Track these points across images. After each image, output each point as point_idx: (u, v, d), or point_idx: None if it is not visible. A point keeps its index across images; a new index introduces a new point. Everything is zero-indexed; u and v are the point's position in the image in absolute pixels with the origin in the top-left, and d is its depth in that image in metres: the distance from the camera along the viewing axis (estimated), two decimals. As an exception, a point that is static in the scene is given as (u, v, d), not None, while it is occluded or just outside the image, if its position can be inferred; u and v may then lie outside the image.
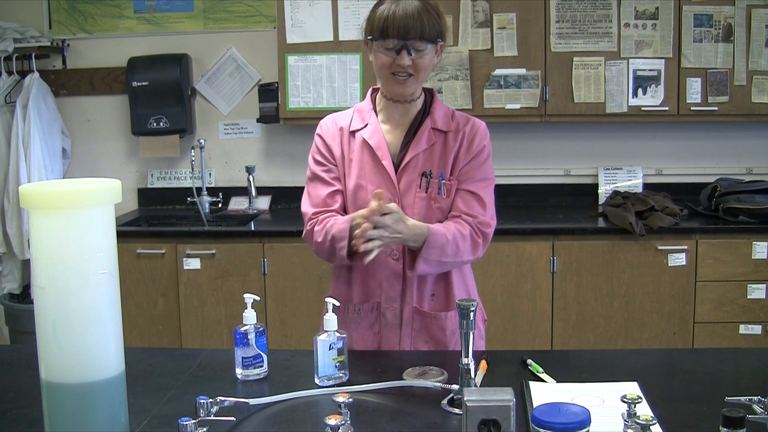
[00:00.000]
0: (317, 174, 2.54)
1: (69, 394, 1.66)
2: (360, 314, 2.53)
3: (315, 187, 2.53)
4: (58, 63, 5.31)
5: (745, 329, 4.42)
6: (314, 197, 2.52)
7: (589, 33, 4.68)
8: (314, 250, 2.49)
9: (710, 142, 5.11)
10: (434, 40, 2.38)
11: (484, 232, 2.45)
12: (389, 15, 2.35)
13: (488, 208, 2.50)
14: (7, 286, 5.13)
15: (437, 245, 2.35)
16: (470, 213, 2.45)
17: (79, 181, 1.72)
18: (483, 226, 2.45)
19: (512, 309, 4.46)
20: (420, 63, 2.38)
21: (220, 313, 4.57)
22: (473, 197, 2.48)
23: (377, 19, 2.38)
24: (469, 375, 1.88)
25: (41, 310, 1.66)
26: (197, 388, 2.08)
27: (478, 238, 2.43)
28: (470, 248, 2.42)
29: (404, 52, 2.35)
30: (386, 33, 2.36)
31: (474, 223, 2.44)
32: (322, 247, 2.43)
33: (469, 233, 2.42)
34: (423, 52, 2.37)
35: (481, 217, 2.45)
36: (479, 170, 2.50)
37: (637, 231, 4.29)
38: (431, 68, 2.48)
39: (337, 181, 2.52)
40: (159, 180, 5.38)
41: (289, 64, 4.83)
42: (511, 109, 4.73)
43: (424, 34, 2.34)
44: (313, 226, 2.46)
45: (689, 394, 2.03)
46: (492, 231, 2.49)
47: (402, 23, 2.33)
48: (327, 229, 2.40)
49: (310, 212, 2.49)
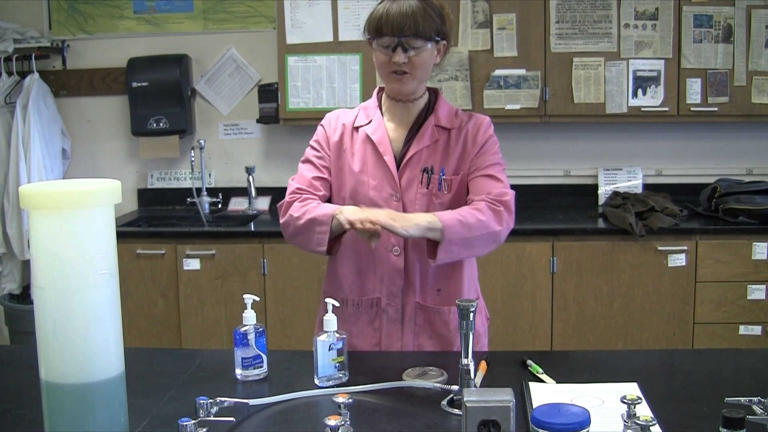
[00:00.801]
0: (309, 158, 2.57)
1: (69, 395, 1.66)
2: (359, 310, 2.53)
3: (305, 168, 2.56)
4: (58, 63, 5.31)
5: (745, 330, 4.42)
6: (302, 176, 2.54)
7: (588, 33, 4.69)
8: (282, 222, 2.48)
9: (710, 142, 5.11)
10: (431, 37, 2.38)
11: (502, 200, 2.38)
12: (384, 13, 2.36)
13: (502, 182, 2.45)
14: (7, 287, 5.13)
15: (453, 223, 2.28)
16: (484, 192, 2.40)
17: (79, 182, 1.72)
18: (499, 196, 2.39)
19: (512, 309, 4.46)
20: (416, 60, 2.38)
21: (219, 313, 4.57)
22: (485, 178, 2.45)
23: (373, 18, 2.40)
24: (468, 375, 1.88)
25: (41, 311, 1.66)
26: (197, 388, 2.09)
27: (497, 207, 2.36)
28: (493, 217, 2.34)
29: (399, 49, 2.36)
30: (381, 31, 2.37)
31: (487, 198, 2.38)
32: (294, 223, 2.42)
33: (485, 206, 2.35)
34: (419, 50, 2.37)
35: (495, 191, 2.40)
36: (488, 157, 2.49)
37: (637, 231, 4.30)
38: (431, 67, 2.47)
39: (326, 170, 2.54)
40: (159, 180, 5.38)
41: (289, 64, 4.83)
42: (511, 110, 4.74)
43: (419, 31, 2.34)
44: (293, 200, 2.46)
45: (689, 394, 2.03)
46: (511, 200, 2.41)
47: (396, 21, 2.34)
48: (308, 209, 2.40)
49: (294, 186, 2.51)
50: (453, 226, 2.28)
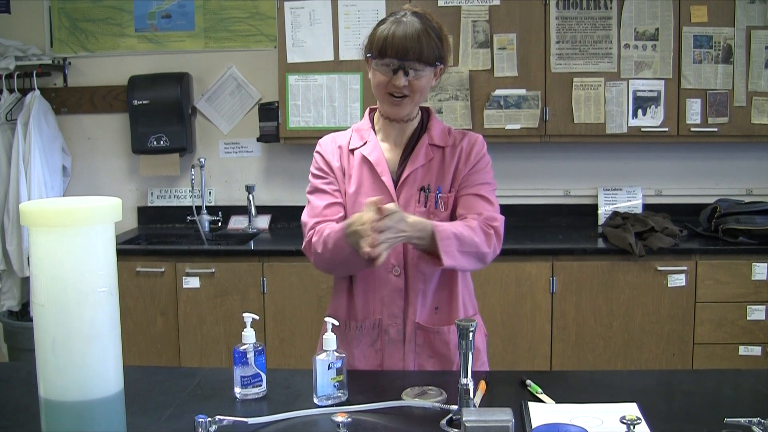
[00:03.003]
0: (317, 186, 2.54)
1: (68, 412, 1.66)
2: (362, 331, 2.52)
3: (315, 199, 2.53)
4: (59, 81, 5.33)
5: (745, 350, 4.41)
6: (313, 208, 2.51)
7: (589, 54, 4.70)
8: (313, 261, 2.48)
9: (710, 162, 5.11)
10: (432, 63, 2.40)
11: (493, 225, 2.41)
12: (389, 35, 2.37)
13: (493, 204, 2.48)
14: (7, 304, 5.13)
15: (448, 235, 2.29)
16: (475, 212, 2.43)
17: (79, 199, 1.72)
18: (490, 220, 2.42)
19: (511, 329, 4.45)
20: (416, 84, 2.40)
21: (219, 331, 4.56)
22: (476, 198, 2.47)
23: (377, 38, 2.40)
24: (468, 395, 1.88)
25: (40, 328, 1.66)
26: (196, 406, 2.08)
27: (488, 230, 2.39)
28: (484, 240, 2.37)
29: (401, 72, 2.37)
30: (384, 52, 2.37)
31: (479, 219, 2.41)
32: (323, 258, 2.41)
33: (477, 225, 2.37)
34: (420, 74, 2.39)
35: (486, 213, 2.44)
36: (480, 176, 2.51)
37: (636, 252, 4.29)
38: (428, 90, 2.49)
39: (337, 192, 2.52)
40: (159, 198, 5.39)
41: (290, 83, 4.84)
42: (511, 130, 4.74)
43: (422, 56, 2.36)
44: (311, 237, 2.45)
45: (689, 415, 2.03)
46: (501, 225, 2.45)
47: (401, 44, 2.34)
48: (324, 239, 2.39)
49: (309, 222, 2.49)
50: (446, 233, 2.30)
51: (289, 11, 4.80)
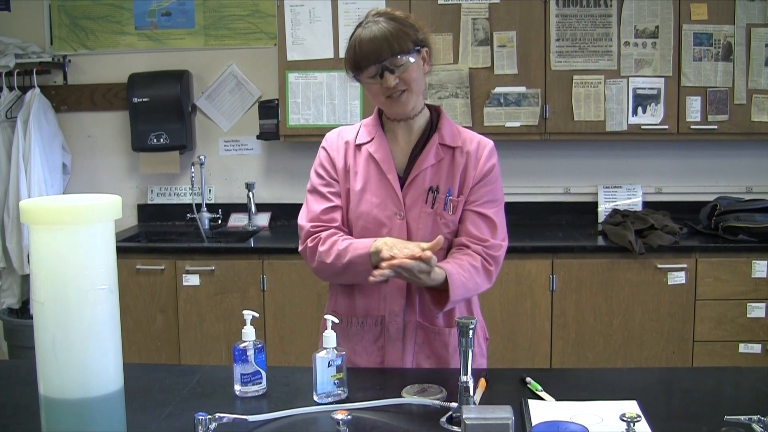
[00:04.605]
0: (317, 188, 2.53)
1: (68, 410, 1.66)
2: (364, 328, 2.51)
3: (313, 201, 2.52)
4: (59, 79, 5.33)
5: (745, 348, 4.41)
6: (311, 211, 2.50)
7: (589, 51, 4.70)
8: (315, 267, 2.46)
9: (710, 160, 5.11)
10: (410, 50, 2.36)
11: (494, 255, 2.42)
12: (357, 46, 2.36)
13: (499, 230, 2.47)
14: (7, 301, 5.13)
15: (458, 284, 2.30)
16: (480, 237, 2.43)
17: (79, 197, 1.72)
18: (493, 249, 2.42)
19: (511, 327, 4.45)
20: (407, 77, 2.37)
21: (219, 329, 4.56)
22: (483, 220, 2.46)
23: (349, 55, 2.40)
24: (468, 393, 1.88)
25: (40, 326, 1.66)
26: (196, 404, 2.08)
27: (490, 266, 2.41)
28: (485, 278, 2.40)
29: (386, 73, 2.35)
30: (359, 65, 2.37)
31: (483, 251, 2.41)
32: (331, 268, 2.40)
33: (481, 264, 2.39)
34: (405, 66, 2.36)
35: (491, 240, 2.43)
36: (489, 192, 2.49)
37: (636, 249, 4.30)
38: (423, 77, 2.46)
39: (336, 196, 2.50)
40: (159, 196, 5.39)
41: (290, 81, 4.84)
42: (511, 127, 4.74)
43: (396, 48, 2.33)
44: (316, 244, 2.43)
45: (689, 413, 2.03)
46: (503, 253, 2.46)
47: (370, 48, 2.33)
48: (340, 252, 2.37)
49: (307, 227, 2.47)
50: (458, 288, 2.30)
51: (289, 9, 4.80)
